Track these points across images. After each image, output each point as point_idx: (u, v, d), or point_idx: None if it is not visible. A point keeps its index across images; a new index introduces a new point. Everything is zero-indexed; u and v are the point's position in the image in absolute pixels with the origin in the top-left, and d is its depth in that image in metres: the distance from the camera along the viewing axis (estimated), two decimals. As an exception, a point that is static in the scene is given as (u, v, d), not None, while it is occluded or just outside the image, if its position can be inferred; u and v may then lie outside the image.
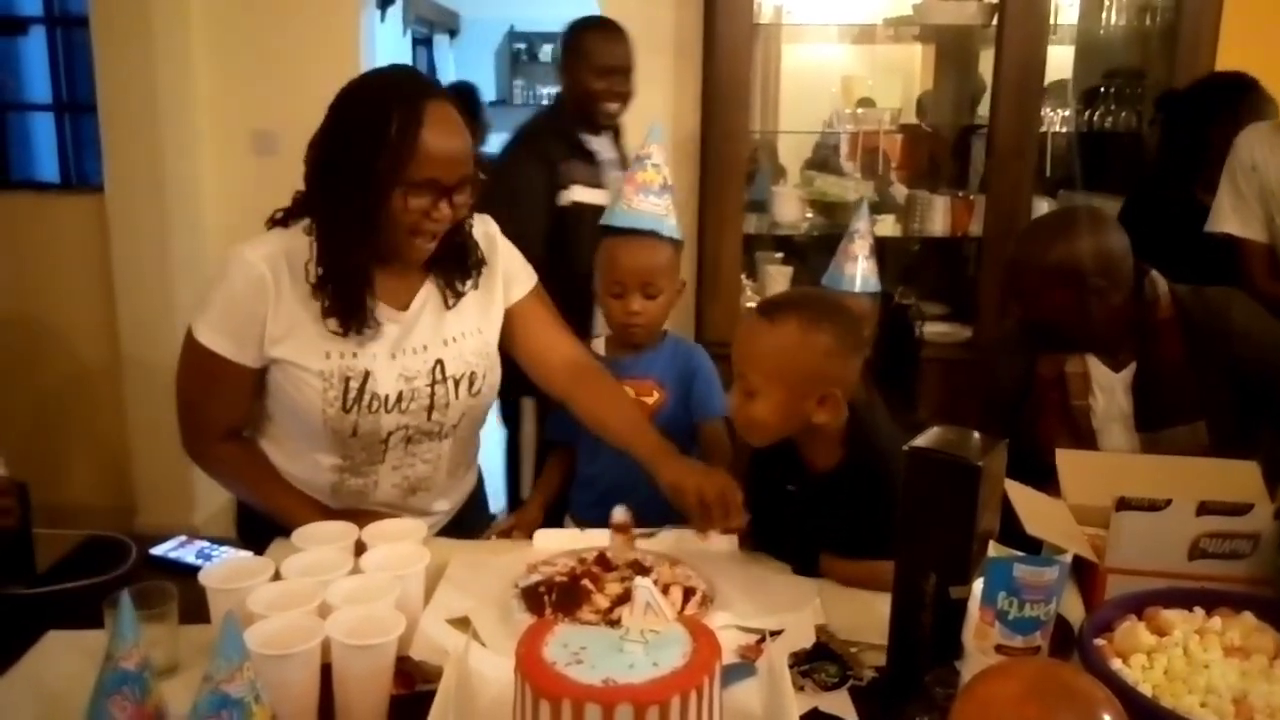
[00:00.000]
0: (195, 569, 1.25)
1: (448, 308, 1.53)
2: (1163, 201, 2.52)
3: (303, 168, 1.44)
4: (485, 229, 1.59)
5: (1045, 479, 1.38)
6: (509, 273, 1.62)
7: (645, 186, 1.71)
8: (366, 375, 1.45)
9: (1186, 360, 1.70)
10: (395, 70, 1.51)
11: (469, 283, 1.54)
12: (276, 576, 1.19)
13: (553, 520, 1.79)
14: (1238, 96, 2.38)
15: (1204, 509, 1.20)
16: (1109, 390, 1.76)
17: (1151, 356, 1.73)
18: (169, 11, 3.18)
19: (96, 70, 3.17)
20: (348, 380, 1.45)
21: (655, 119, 3.22)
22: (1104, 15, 3.17)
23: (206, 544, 1.50)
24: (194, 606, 1.16)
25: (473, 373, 1.54)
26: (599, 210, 2.12)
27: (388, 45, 4.58)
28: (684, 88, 3.22)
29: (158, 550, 1.48)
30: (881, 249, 2.15)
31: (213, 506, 3.17)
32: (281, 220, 1.47)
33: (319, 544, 1.27)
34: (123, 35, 3.12)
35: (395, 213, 1.38)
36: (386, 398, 1.47)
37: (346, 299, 1.42)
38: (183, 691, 1.01)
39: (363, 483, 1.53)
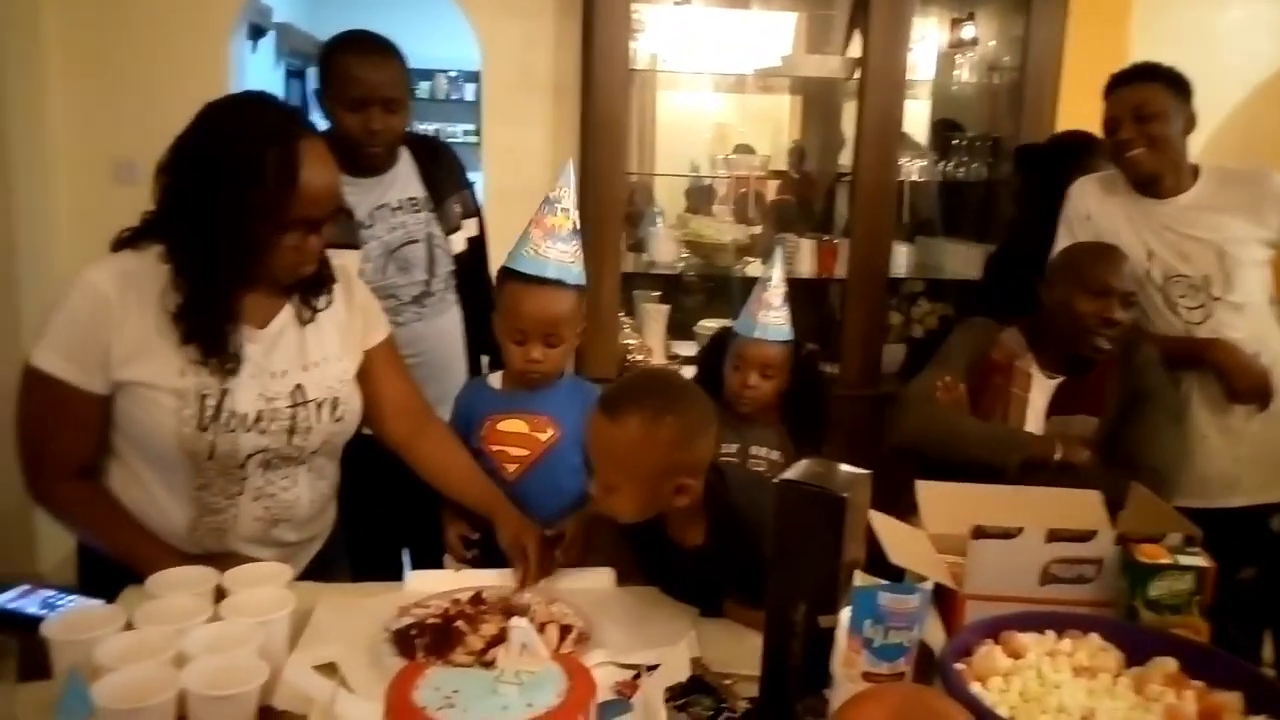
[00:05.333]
0: (38, 620, 1.17)
1: (302, 323, 1.51)
2: (1024, 253, 2.69)
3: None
4: (343, 263, 1.61)
5: None
6: (368, 314, 1.63)
7: (553, 232, 1.66)
8: (224, 393, 1.41)
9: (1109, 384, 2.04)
10: (262, 101, 1.46)
11: (324, 299, 1.53)
12: (128, 626, 1.12)
13: (432, 559, 1.75)
14: (1087, 153, 2.57)
15: (1053, 536, 1.26)
16: (1040, 390, 2.07)
17: (1085, 376, 2.06)
18: (18, 31, 3.02)
19: (-62, 94, 2.99)
20: (204, 398, 1.39)
21: (532, 156, 3.28)
22: (955, 72, 3.37)
23: (52, 593, 1.39)
24: (37, 661, 1.09)
25: (335, 398, 1.52)
26: None
27: (259, 76, 4.45)
28: (562, 128, 3.26)
29: (-6, 601, 1.38)
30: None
31: (61, 552, 2.96)
32: (128, 241, 1.43)
33: (175, 590, 1.21)
34: (-35, 55, 2.96)
35: (268, 249, 1.38)
36: (245, 416, 1.42)
37: (208, 329, 1.38)
38: (20, 754, 0.94)
39: (221, 519, 1.46)
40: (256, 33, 4.46)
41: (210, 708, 1.00)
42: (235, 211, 1.34)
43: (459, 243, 2.22)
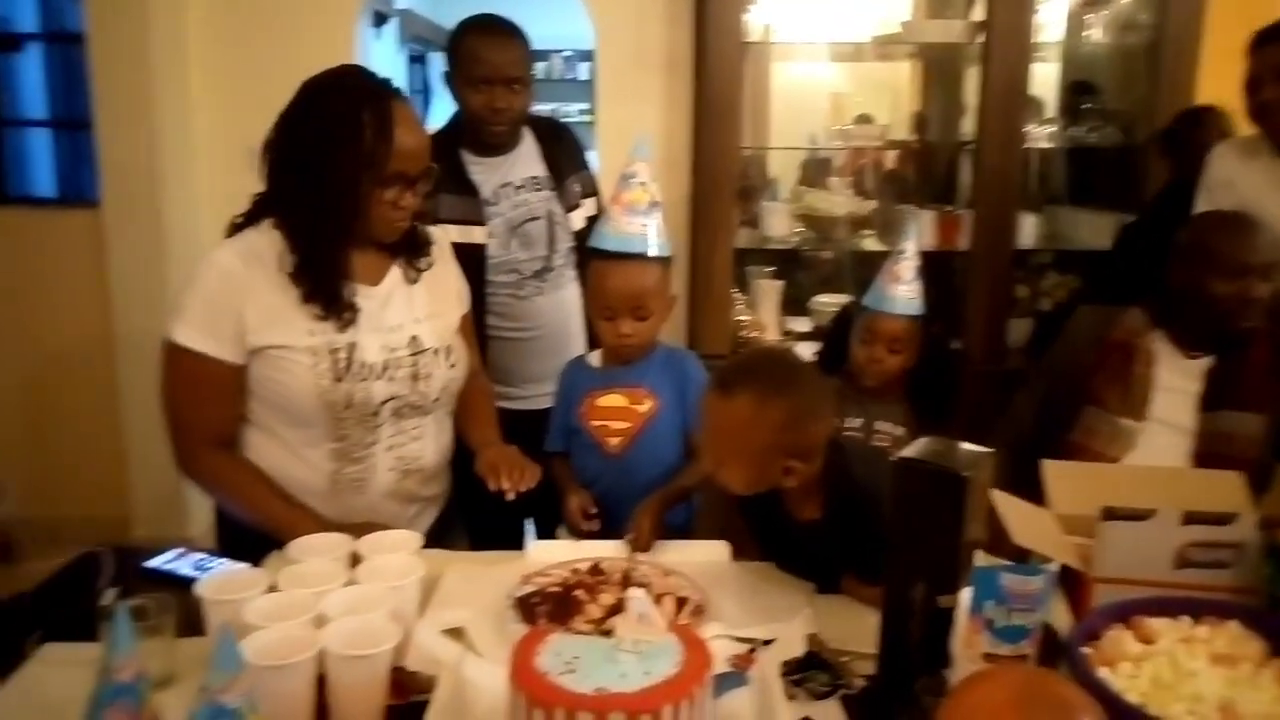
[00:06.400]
0: (191, 581, 1.26)
1: (410, 282, 1.62)
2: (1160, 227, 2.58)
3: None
4: (440, 238, 1.74)
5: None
6: (460, 282, 1.76)
7: (631, 207, 1.68)
8: (352, 346, 1.52)
9: (1269, 367, 1.87)
10: (355, 71, 1.57)
11: (424, 260, 1.65)
12: (272, 588, 1.19)
13: (548, 530, 1.80)
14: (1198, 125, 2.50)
15: (1189, 518, 1.21)
16: (1179, 371, 1.91)
17: (1237, 356, 1.88)
18: (166, 28, 3.20)
19: (93, 86, 3.19)
20: (335, 352, 1.51)
21: (646, 134, 3.28)
22: (1086, 34, 3.21)
23: (203, 556, 1.50)
24: (191, 618, 1.17)
25: (448, 346, 1.64)
26: (474, 251, 2.05)
27: (383, 61, 4.59)
28: (675, 104, 3.25)
29: (154, 562, 1.49)
30: (875, 264, 2.15)
31: (208, 519, 3.16)
32: (243, 225, 1.55)
33: (314, 555, 1.28)
34: (120, 52, 3.15)
35: (370, 204, 1.49)
36: (374, 365, 1.53)
37: (325, 285, 1.50)
38: (179, 703, 1.02)
39: (360, 469, 1.56)
40: (380, 19, 4.60)
41: (347, 667, 1.05)
42: (338, 170, 1.45)
43: (578, 220, 2.27)
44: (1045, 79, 3.35)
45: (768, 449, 1.36)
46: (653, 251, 1.68)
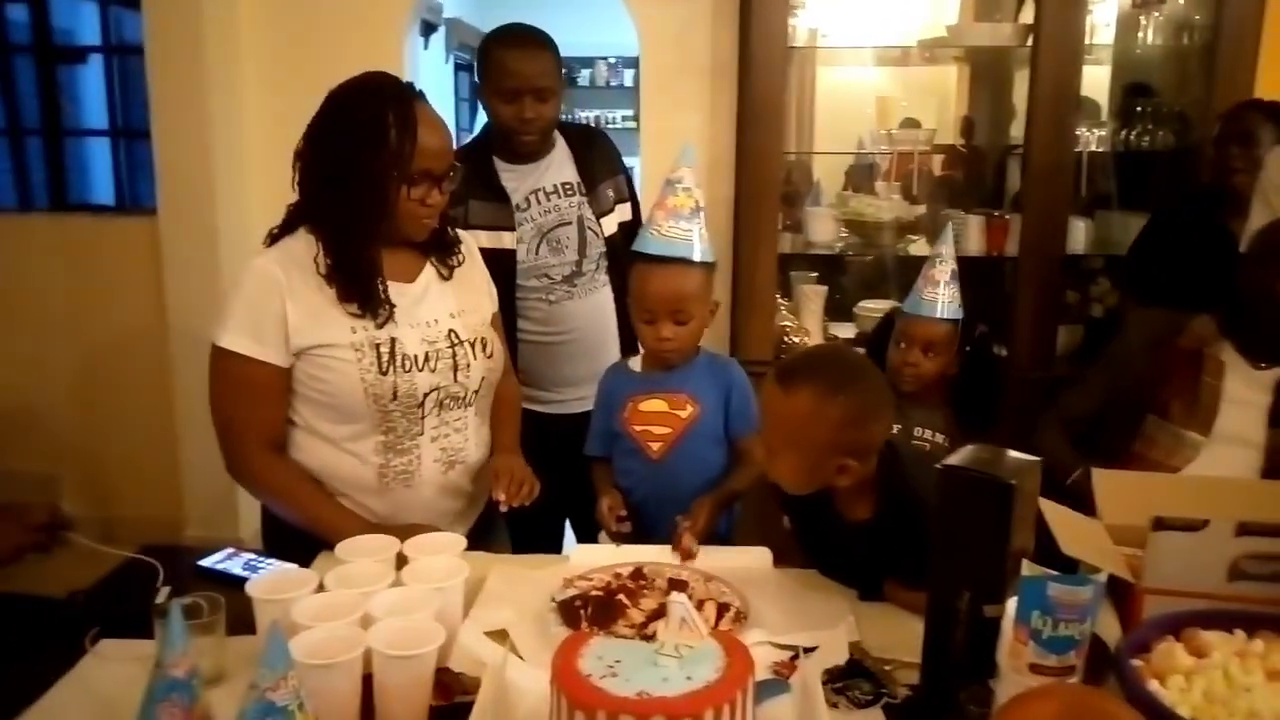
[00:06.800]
0: (242, 580, 1.29)
1: (443, 280, 1.68)
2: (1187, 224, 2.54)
3: None
4: (467, 239, 1.78)
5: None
6: (489, 286, 1.81)
7: (675, 212, 1.69)
8: (394, 341, 1.56)
9: None
10: (377, 77, 1.60)
11: (455, 258, 1.71)
12: (320, 588, 1.21)
13: (586, 532, 1.81)
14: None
15: (1243, 529, 1.18)
16: (1248, 382, 1.86)
17: None
18: (220, 40, 3.28)
19: (150, 97, 3.28)
20: (378, 346, 1.55)
21: (690, 139, 3.29)
22: (1140, 35, 3.15)
23: (253, 556, 1.54)
24: (241, 617, 1.20)
25: (483, 338, 1.69)
26: (503, 256, 2.06)
27: (430, 70, 4.66)
28: (719, 109, 3.25)
29: (206, 562, 1.52)
30: (920, 269, 2.13)
31: (257, 521, 3.23)
32: (279, 235, 1.60)
33: (362, 557, 1.30)
34: (176, 63, 3.23)
35: (398, 202, 1.54)
36: (416, 357, 1.58)
37: (359, 283, 1.55)
38: (229, 699, 1.04)
39: (406, 461, 1.60)
40: (428, 29, 4.66)
41: (393, 666, 1.07)
42: (366, 170, 1.51)
43: (610, 225, 2.28)
44: (1097, 81, 3.29)
45: (825, 446, 1.36)
46: (696, 257, 1.68)
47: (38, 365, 3.60)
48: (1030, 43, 2.95)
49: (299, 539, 1.54)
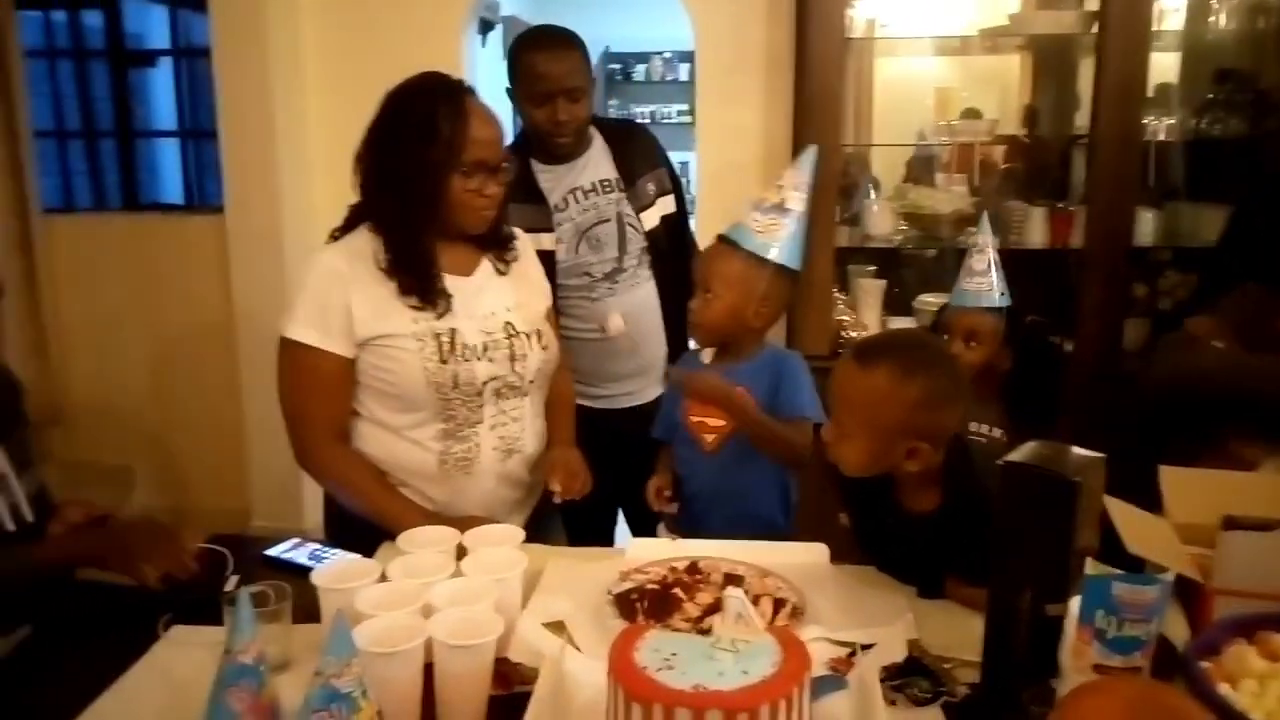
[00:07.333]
0: (308, 570, 1.32)
1: (500, 274, 1.72)
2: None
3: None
4: (522, 235, 1.83)
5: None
6: (543, 282, 1.86)
7: (761, 203, 1.71)
8: (453, 331, 1.61)
9: None
10: (430, 76, 1.65)
11: (511, 253, 1.76)
12: (383, 578, 1.24)
13: (640, 518, 1.82)
14: None
15: (1319, 530, 1.15)
16: None
17: None
18: (284, 43, 3.36)
19: (218, 98, 3.37)
20: (438, 336, 1.60)
21: (746, 133, 3.28)
22: (1212, 19, 3.05)
23: (318, 546, 1.57)
24: (306, 605, 1.23)
25: (539, 330, 1.73)
26: (542, 258, 2.00)
27: (488, 68, 4.70)
28: (775, 103, 3.22)
29: (273, 551, 1.56)
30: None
31: (320, 513, 3.31)
32: (340, 235, 1.65)
33: (423, 547, 1.32)
34: (242, 65, 3.31)
35: (455, 193, 1.59)
36: (475, 347, 1.62)
37: (419, 276, 1.59)
38: (294, 686, 1.06)
39: (466, 448, 1.64)
40: (485, 27, 4.69)
41: (454, 656, 1.09)
42: (422, 164, 1.56)
43: (651, 219, 2.28)
44: (1166, 68, 3.20)
45: (897, 427, 1.35)
46: (746, 245, 1.68)
47: (112, 360, 3.72)
48: (1095, 30, 2.88)
49: (360, 530, 1.57)
